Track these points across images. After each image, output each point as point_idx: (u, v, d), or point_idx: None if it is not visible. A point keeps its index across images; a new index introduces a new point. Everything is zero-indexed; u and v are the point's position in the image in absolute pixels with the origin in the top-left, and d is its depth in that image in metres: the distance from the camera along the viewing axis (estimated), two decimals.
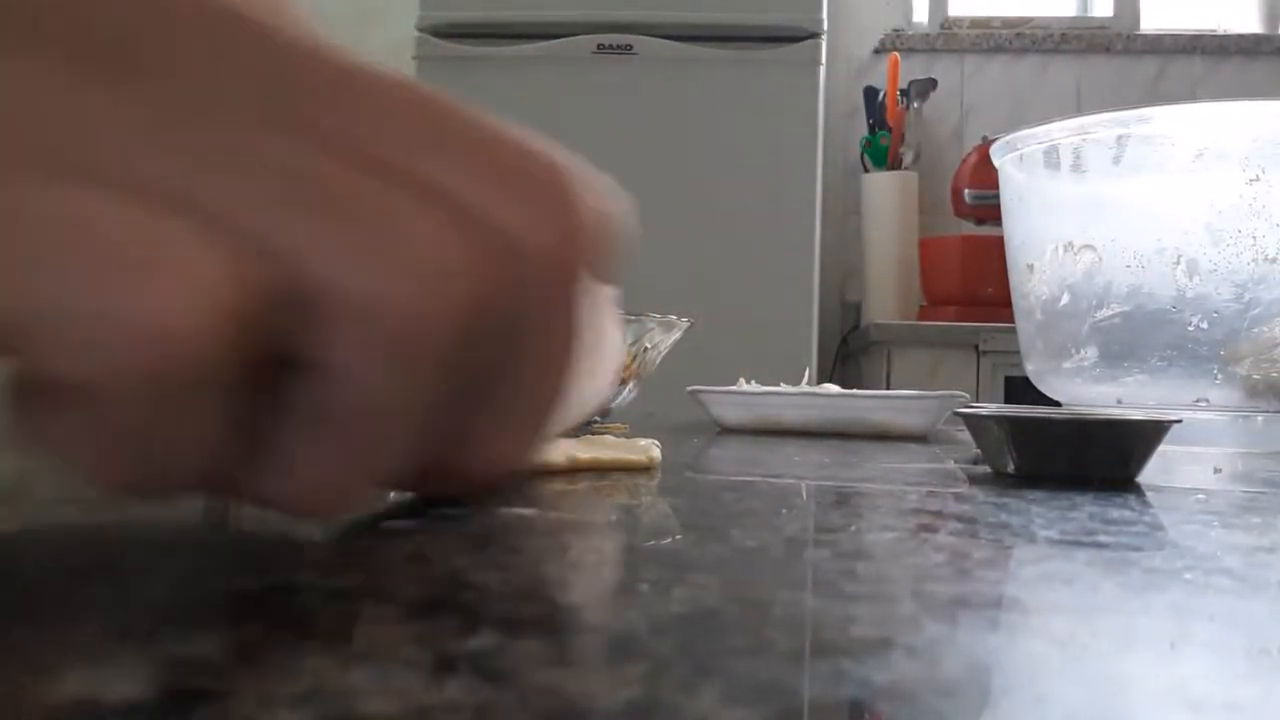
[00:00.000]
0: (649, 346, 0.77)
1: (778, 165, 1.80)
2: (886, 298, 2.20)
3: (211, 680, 0.13)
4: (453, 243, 0.19)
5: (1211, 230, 0.67)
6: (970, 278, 2.07)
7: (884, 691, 0.13)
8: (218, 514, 0.25)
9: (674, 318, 0.78)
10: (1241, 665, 0.16)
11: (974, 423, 0.42)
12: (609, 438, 0.53)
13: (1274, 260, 0.65)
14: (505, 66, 1.79)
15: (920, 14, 2.54)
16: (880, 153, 2.27)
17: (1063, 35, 2.47)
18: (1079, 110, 2.30)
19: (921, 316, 2.18)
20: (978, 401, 1.81)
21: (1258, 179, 0.66)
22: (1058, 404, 0.79)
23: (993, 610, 0.18)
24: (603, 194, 0.22)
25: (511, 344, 0.21)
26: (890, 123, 2.25)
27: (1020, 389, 1.42)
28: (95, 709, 0.12)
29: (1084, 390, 0.74)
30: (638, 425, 0.73)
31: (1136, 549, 0.25)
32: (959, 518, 0.30)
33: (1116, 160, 0.73)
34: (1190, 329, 0.67)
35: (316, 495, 0.20)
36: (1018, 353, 0.83)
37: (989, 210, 2.08)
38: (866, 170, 2.28)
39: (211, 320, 0.16)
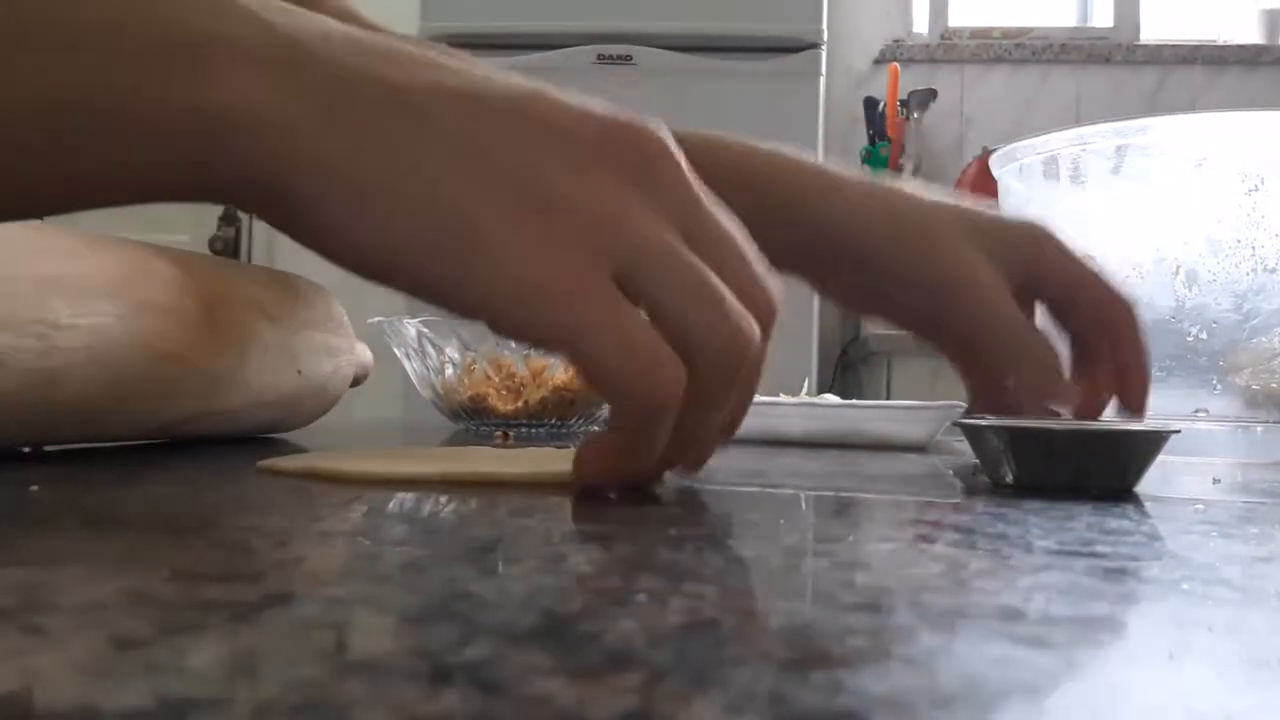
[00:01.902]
0: None
1: None
2: None
3: (209, 690, 0.13)
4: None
5: (1210, 240, 0.67)
6: None
7: (881, 702, 0.13)
8: None
9: None
10: (1240, 676, 0.16)
11: (973, 433, 0.42)
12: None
13: (1273, 270, 0.65)
14: None
15: (920, 24, 2.55)
16: (880, 163, 2.27)
17: (1063, 46, 2.47)
18: (1079, 121, 2.30)
19: None
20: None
21: (1257, 189, 0.66)
22: (1057, 415, 0.78)
23: (990, 621, 0.18)
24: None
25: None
26: (890, 133, 2.26)
27: None
28: (93, 718, 0.12)
29: None
30: None
31: (1135, 559, 0.25)
32: (957, 528, 0.30)
33: (1116, 171, 0.73)
34: (1189, 339, 0.67)
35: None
36: None
37: None
38: None
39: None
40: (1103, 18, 2.56)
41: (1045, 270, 0.52)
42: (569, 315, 0.30)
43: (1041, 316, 0.54)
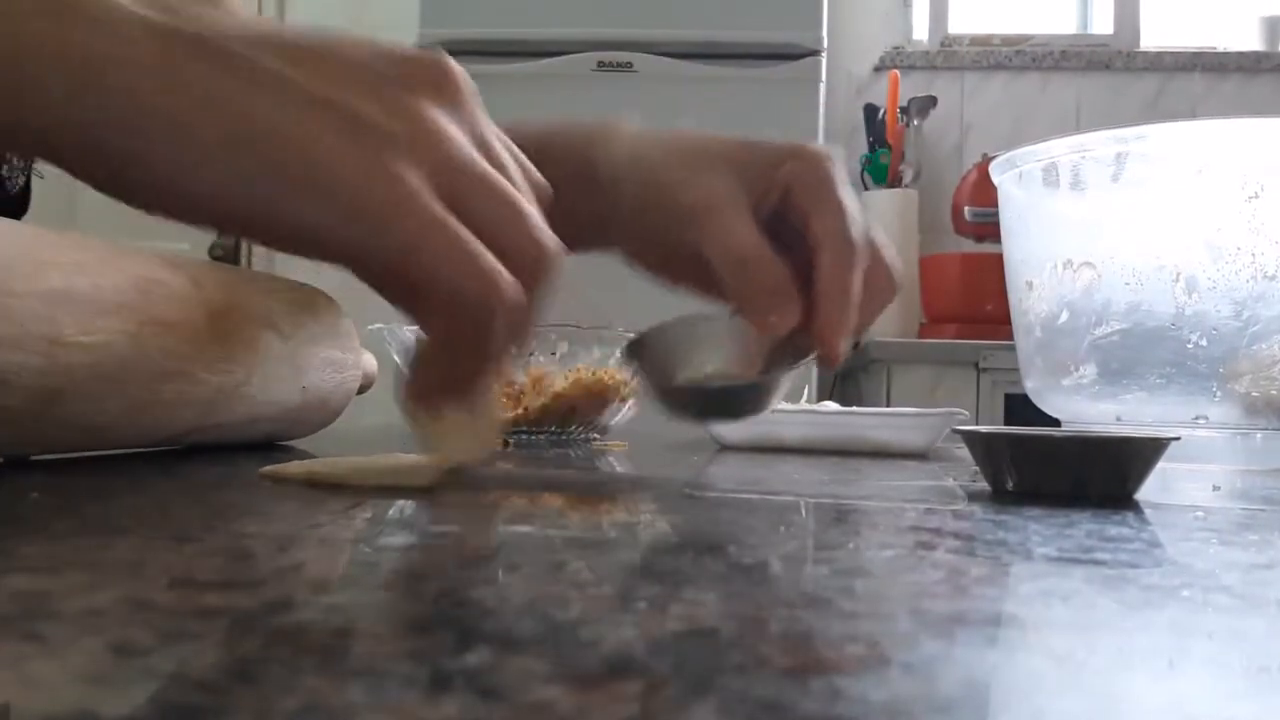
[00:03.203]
0: None
1: None
2: (886, 315, 2.19)
3: (208, 696, 0.13)
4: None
5: (1210, 247, 0.67)
6: (970, 295, 2.07)
7: (881, 709, 0.13)
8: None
9: None
10: (1240, 683, 0.16)
11: (973, 440, 0.42)
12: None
13: (1273, 277, 0.65)
14: (506, 84, 1.80)
15: (920, 31, 2.55)
16: (880, 170, 2.27)
17: (1063, 52, 2.47)
18: (1079, 127, 2.30)
19: (921, 334, 2.18)
20: (978, 419, 1.80)
21: (1257, 196, 0.66)
22: (1057, 422, 0.78)
23: (990, 628, 0.18)
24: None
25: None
26: (890, 140, 2.26)
27: (1020, 406, 1.42)
28: None
29: (1083, 408, 0.74)
30: (636, 443, 0.73)
31: (1134, 566, 0.25)
32: (957, 535, 0.30)
33: (1116, 178, 0.73)
34: (1189, 346, 0.67)
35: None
36: (1018, 370, 0.83)
37: (989, 228, 2.08)
38: (866, 188, 2.29)
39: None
40: (1103, 25, 2.56)
41: (792, 193, 0.48)
42: (405, 234, 0.31)
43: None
